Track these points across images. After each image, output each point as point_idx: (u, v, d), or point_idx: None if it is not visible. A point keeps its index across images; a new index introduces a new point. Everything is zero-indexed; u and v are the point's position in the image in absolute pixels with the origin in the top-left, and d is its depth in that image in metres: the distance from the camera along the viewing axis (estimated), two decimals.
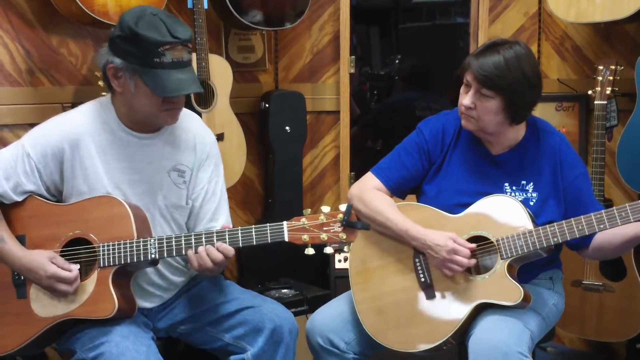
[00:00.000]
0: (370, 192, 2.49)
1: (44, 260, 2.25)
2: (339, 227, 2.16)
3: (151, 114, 2.32)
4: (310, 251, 2.19)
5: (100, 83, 2.82)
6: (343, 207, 2.17)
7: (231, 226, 2.32)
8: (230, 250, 2.24)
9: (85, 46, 3.12)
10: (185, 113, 2.50)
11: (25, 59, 3.00)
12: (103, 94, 2.84)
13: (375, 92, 4.41)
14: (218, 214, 2.50)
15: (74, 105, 3.00)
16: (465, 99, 2.37)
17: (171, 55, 2.21)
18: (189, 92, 2.28)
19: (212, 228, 2.44)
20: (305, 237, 2.18)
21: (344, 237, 2.17)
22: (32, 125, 2.50)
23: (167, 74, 2.22)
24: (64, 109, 2.98)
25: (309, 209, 2.23)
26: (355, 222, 2.17)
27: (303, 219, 2.19)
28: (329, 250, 2.20)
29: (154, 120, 2.35)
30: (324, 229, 2.17)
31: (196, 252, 2.25)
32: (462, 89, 2.41)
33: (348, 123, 3.72)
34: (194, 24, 3.06)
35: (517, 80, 2.31)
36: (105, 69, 2.30)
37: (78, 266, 2.28)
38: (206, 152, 2.49)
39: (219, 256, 2.24)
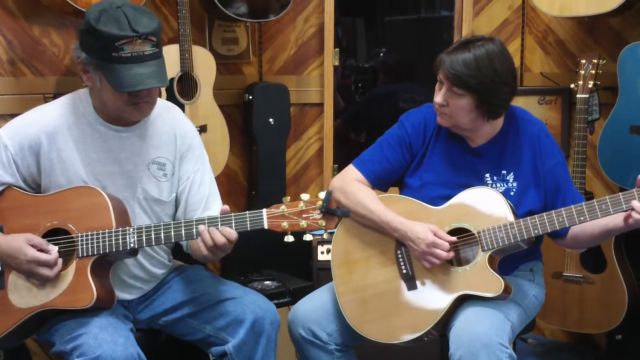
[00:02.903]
0: (352, 184, 2.50)
1: (22, 243, 2.23)
2: (318, 214, 2.16)
3: (118, 109, 2.30)
4: (289, 238, 2.19)
5: None
6: (322, 195, 2.16)
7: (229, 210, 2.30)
8: (232, 234, 2.21)
9: (68, 36, 3.09)
10: (166, 105, 2.49)
11: (7, 49, 2.97)
12: (84, 84, 2.83)
13: (359, 84, 4.41)
14: (211, 202, 2.49)
15: (56, 96, 2.97)
16: (438, 96, 2.39)
17: (130, 49, 2.17)
18: (146, 87, 2.21)
19: None
20: (285, 224, 2.18)
21: (324, 224, 2.16)
22: (13, 116, 2.47)
23: (125, 68, 2.18)
24: (46, 100, 2.96)
25: (289, 197, 2.21)
26: (335, 209, 2.16)
27: (282, 207, 2.19)
28: (308, 237, 2.19)
29: (121, 114, 2.33)
30: (304, 216, 2.17)
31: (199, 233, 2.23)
32: (436, 86, 2.41)
33: (332, 115, 3.72)
34: (178, 15, 3.05)
35: (487, 78, 2.30)
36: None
37: (57, 247, 2.25)
38: (187, 144, 2.47)
39: (221, 239, 2.21)
